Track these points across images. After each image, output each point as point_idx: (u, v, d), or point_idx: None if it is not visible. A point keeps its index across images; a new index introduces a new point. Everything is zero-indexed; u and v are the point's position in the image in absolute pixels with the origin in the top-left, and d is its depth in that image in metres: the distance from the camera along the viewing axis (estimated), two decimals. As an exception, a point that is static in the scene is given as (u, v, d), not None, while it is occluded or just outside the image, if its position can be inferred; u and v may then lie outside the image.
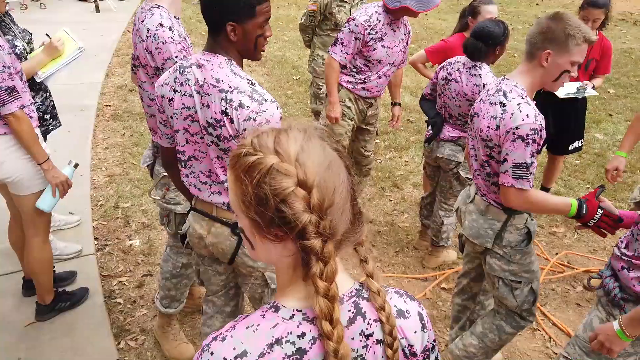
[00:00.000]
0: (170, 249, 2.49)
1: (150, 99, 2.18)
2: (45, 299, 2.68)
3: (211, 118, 1.59)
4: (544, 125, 1.87)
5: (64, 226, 3.41)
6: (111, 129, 5.02)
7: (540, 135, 1.85)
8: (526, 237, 2.09)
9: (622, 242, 1.73)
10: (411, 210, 4.07)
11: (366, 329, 0.85)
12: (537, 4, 13.55)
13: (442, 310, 3.05)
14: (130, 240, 3.42)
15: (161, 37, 2.01)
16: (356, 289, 0.88)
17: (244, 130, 1.54)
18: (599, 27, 3.50)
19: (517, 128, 1.83)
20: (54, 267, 2.82)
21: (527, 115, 1.83)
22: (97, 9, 9.55)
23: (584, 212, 1.88)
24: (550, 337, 2.87)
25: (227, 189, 1.00)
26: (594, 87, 3.59)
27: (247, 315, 0.84)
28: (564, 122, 3.66)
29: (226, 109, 1.56)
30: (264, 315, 0.83)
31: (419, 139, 5.29)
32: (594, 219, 1.88)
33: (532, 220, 2.10)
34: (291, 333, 0.80)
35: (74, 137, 4.70)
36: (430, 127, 3.17)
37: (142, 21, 2.07)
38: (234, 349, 0.79)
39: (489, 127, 1.95)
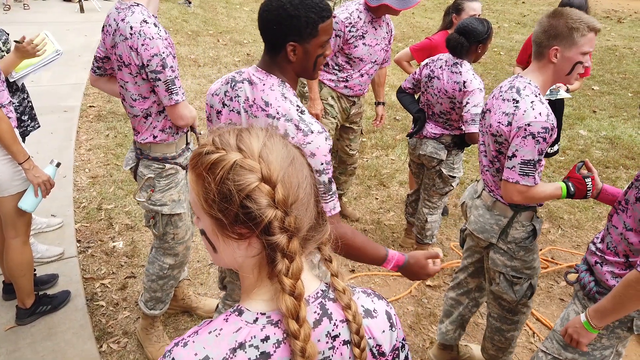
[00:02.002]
0: (156, 250, 2.46)
1: (133, 99, 2.16)
2: (26, 302, 2.64)
3: None
4: (555, 124, 1.87)
5: (45, 229, 3.37)
6: (95, 130, 4.97)
7: (551, 135, 1.85)
8: (531, 234, 2.10)
9: (597, 237, 1.75)
10: (397, 208, 4.08)
11: (332, 330, 0.84)
12: (522, 2, 13.65)
13: (427, 307, 3.06)
14: (113, 242, 3.39)
15: (147, 34, 1.99)
16: (322, 290, 0.87)
17: None
18: None
19: (529, 125, 1.84)
20: (35, 270, 2.78)
21: (540, 114, 1.84)
22: (82, 10, 9.45)
23: (573, 190, 1.96)
24: (534, 333, 2.89)
25: None
26: (567, 90, 3.60)
27: (211, 320, 0.83)
28: None
29: None
30: (227, 319, 0.81)
31: (405, 137, 5.31)
32: (589, 190, 1.96)
33: (537, 217, 2.12)
34: (255, 337, 0.79)
35: (57, 139, 4.65)
36: (414, 122, 3.18)
37: (123, 19, 2.04)
38: (196, 354, 0.78)
39: (499, 122, 1.96)
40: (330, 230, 0.89)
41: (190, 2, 10.52)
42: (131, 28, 2.00)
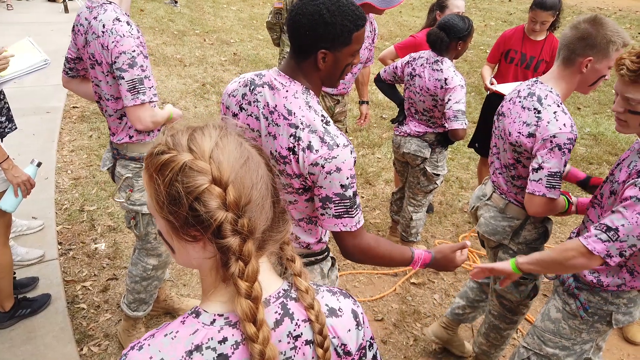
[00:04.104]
0: (138, 252, 2.44)
1: (107, 98, 2.13)
2: (5, 305, 2.60)
3: (275, 151, 1.44)
4: (577, 134, 1.84)
5: (26, 231, 3.32)
6: (78, 131, 4.91)
7: (574, 145, 1.82)
8: (542, 235, 2.09)
9: (574, 232, 1.76)
10: (383, 207, 4.08)
11: (294, 330, 0.83)
12: (509, 0, 13.73)
13: (412, 305, 3.06)
14: (95, 244, 3.35)
15: (119, 31, 1.96)
16: (284, 290, 0.85)
17: (310, 174, 1.38)
18: (551, 28, 3.52)
19: (554, 136, 1.78)
20: (15, 273, 2.74)
21: (564, 124, 1.79)
22: (66, 10, 9.35)
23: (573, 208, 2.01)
24: (517, 329, 2.90)
25: None
26: None
27: (169, 323, 0.81)
28: None
29: (294, 146, 1.39)
30: (184, 321, 0.80)
31: (391, 136, 5.31)
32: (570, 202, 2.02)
33: (549, 218, 2.10)
34: (212, 339, 0.77)
35: (39, 140, 4.59)
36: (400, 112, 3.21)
37: (95, 17, 2.01)
38: (151, 357, 0.76)
39: (519, 132, 1.90)
40: (287, 234, 0.87)
41: (176, 2, 10.45)
42: (103, 26, 1.97)
